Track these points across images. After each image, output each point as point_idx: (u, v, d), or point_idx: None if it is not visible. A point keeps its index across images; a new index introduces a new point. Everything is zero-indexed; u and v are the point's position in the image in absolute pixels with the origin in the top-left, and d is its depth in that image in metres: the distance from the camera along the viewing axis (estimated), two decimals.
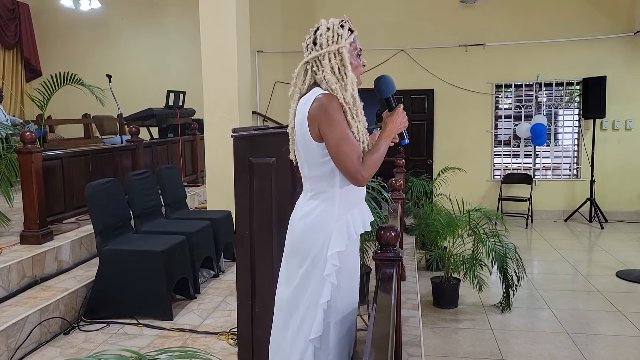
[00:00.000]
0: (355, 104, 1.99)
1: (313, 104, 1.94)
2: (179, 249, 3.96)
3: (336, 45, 1.97)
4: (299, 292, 2.06)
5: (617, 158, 8.49)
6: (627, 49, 8.38)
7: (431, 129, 8.97)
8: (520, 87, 8.87)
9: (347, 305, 2.11)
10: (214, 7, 5.36)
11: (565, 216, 8.70)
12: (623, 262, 6.32)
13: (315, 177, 2.02)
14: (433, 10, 8.57)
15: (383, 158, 2.02)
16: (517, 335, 4.46)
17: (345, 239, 2.00)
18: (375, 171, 2.01)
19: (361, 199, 2.13)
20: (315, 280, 2.01)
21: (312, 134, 1.94)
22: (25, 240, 4.13)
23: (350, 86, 1.96)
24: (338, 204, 2.00)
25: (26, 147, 4.07)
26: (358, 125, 1.98)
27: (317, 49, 1.99)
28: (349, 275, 2.10)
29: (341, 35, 1.99)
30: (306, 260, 2.03)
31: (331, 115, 1.90)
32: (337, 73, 1.97)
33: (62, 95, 6.08)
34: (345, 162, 1.92)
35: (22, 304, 3.46)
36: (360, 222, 2.08)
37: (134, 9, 9.62)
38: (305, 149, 2.00)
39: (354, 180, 1.95)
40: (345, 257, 2.03)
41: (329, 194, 2.00)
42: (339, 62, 1.98)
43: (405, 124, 2.10)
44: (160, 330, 3.55)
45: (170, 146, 6.94)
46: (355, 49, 2.06)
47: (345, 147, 1.91)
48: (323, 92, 1.96)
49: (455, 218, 5.09)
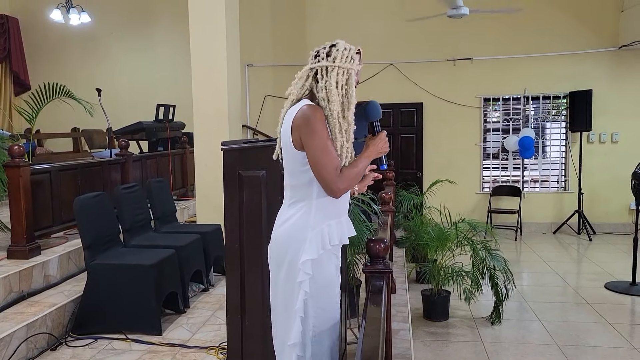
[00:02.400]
0: (350, 124, 2.06)
1: (297, 113, 2.00)
2: (169, 263, 3.94)
3: (348, 64, 2.06)
4: (281, 299, 2.12)
5: (604, 170, 8.58)
6: (612, 63, 8.51)
7: (420, 142, 9.02)
8: (508, 100, 8.96)
9: (326, 319, 2.11)
10: (204, 21, 5.39)
11: (554, 228, 8.76)
12: (611, 273, 6.36)
13: (294, 186, 2.09)
14: (422, 24, 8.63)
15: (361, 175, 2.09)
16: (508, 347, 4.46)
17: (318, 248, 2.03)
18: (352, 186, 2.07)
19: (341, 211, 2.15)
20: (291, 288, 2.05)
21: (294, 142, 2.01)
22: (13, 254, 4.08)
23: (352, 106, 2.05)
24: (314, 214, 2.04)
25: (14, 161, 4.05)
26: (344, 142, 2.03)
27: (329, 60, 2.06)
28: (324, 286, 2.10)
29: (354, 60, 2.09)
30: (283, 267, 2.08)
31: (313, 126, 1.96)
32: (340, 89, 2.04)
33: (51, 109, 6.05)
34: (322, 172, 1.97)
35: (9, 319, 3.41)
36: (337, 234, 2.10)
37: (124, 23, 9.63)
38: (287, 157, 2.08)
39: (329, 191, 2.00)
40: (319, 266, 2.05)
41: (306, 202, 2.05)
42: (344, 80, 2.05)
43: (385, 150, 2.17)
44: (149, 345, 3.52)
45: (159, 160, 6.91)
46: (356, 81, 2.13)
47: (324, 157, 1.96)
48: (308, 103, 2.03)
49: (445, 230, 5.10)
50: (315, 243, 2.02)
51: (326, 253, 2.08)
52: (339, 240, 2.12)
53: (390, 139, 8.23)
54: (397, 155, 8.92)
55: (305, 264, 2.01)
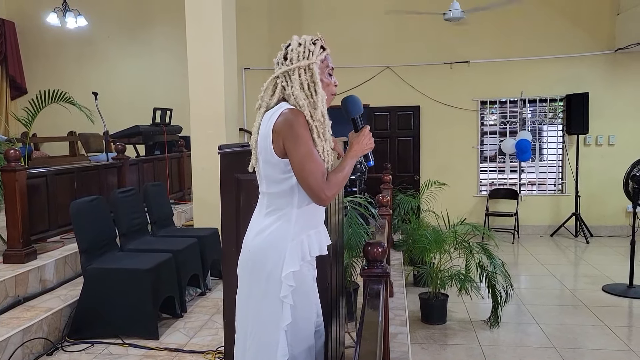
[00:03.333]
0: (324, 123, 1.94)
1: (279, 118, 1.90)
2: (165, 267, 3.92)
3: (307, 60, 1.94)
4: (256, 314, 2.00)
5: (600, 173, 8.60)
6: (608, 66, 8.54)
7: (418, 145, 9.03)
8: (505, 103, 8.99)
9: (300, 331, 2.02)
10: (200, 25, 5.39)
11: (551, 231, 8.77)
12: (609, 276, 6.36)
13: (273, 194, 1.97)
14: (418, 28, 8.68)
15: (348, 178, 1.98)
16: (506, 350, 4.46)
17: (299, 260, 1.94)
18: (339, 191, 1.97)
19: (319, 221, 2.07)
20: (271, 301, 1.94)
21: (275, 149, 1.90)
22: (8, 259, 4.07)
23: (320, 103, 1.93)
24: (294, 223, 1.95)
25: (10, 165, 4.03)
26: (324, 145, 1.93)
27: (287, 63, 1.97)
28: (304, 297, 2.02)
29: (312, 52, 1.96)
30: (261, 279, 1.96)
31: (297, 131, 1.86)
32: (306, 89, 1.93)
33: (47, 113, 6.04)
34: (309, 180, 1.86)
35: (5, 324, 3.39)
36: (317, 244, 2.03)
37: (121, 27, 9.63)
38: (266, 164, 1.95)
39: (317, 199, 1.90)
40: (300, 277, 1.97)
41: (286, 211, 1.95)
42: (308, 78, 1.94)
43: (370, 146, 2.06)
44: (146, 349, 3.50)
45: (156, 163, 6.90)
46: (327, 66, 2.02)
47: (310, 164, 1.86)
48: (289, 107, 1.92)
49: (442, 234, 5.10)
50: (296, 254, 1.93)
51: (305, 264, 2.01)
52: (319, 250, 2.04)
53: (387, 142, 8.26)
54: (394, 158, 8.95)
55: (288, 277, 1.91)
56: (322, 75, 1.99)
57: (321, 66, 1.99)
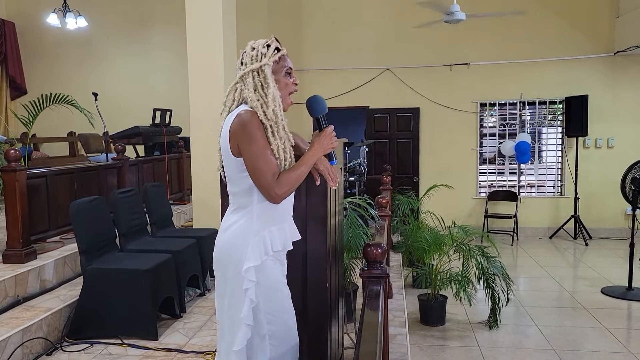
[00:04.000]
0: (277, 122, 2.00)
1: (234, 119, 1.98)
2: (165, 267, 3.92)
3: (258, 63, 2.02)
4: (225, 308, 2.09)
5: (600, 175, 8.61)
6: (607, 69, 8.56)
7: (417, 147, 9.04)
8: (504, 105, 9.00)
9: (281, 322, 2.07)
10: (200, 25, 5.39)
11: (550, 233, 8.78)
12: (607, 278, 6.37)
13: (235, 193, 2.07)
14: (418, 29, 8.67)
15: (303, 177, 2.03)
16: (505, 352, 4.46)
17: (261, 255, 2.00)
18: (293, 190, 2.02)
19: (284, 217, 2.12)
20: (237, 296, 2.02)
21: (232, 149, 1.98)
22: (8, 259, 4.07)
23: (271, 103, 1.99)
24: (256, 220, 2.02)
25: (10, 165, 4.03)
26: (278, 143, 1.99)
27: (242, 68, 2.06)
28: (271, 290, 2.05)
29: (264, 54, 2.04)
30: (228, 275, 2.05)
31: (249, 131, 1.94)
32: (259, 90, 2.01)
33: (47, 114, 6.05)
34: (259, 178, 1.95)
35: (4, 324, 3.39)
36: (280, 240, 2.07)
37: (121, 27, 9.63)
38: (227, 165, 2.05)
39: (268, 197, 1.97)
40: (263, 272, 2.01)
41: (248, 209, 2.03)
42: (262, 79, 2.02)
43: (332, 146, 2.10)
44: (145, 350, 3.50)
45: (156, 164, 6.90)
46: (284, 67, 2.08)
47: (260, 163, 1.94)
48: (245, 109, 2.00)
49: (441, 235, 5.10)
50: (258, 249, 1.99)
51: (270, 259, 2.05)
52: (282, 246, 2.08)
53: (386, 144, 8.27)
54: (393, 160, 8.96)
55: (249, 271, 1.97)
56: (278, 76, 2.06)
57: (277, 67, 2.07)
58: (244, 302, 1.98)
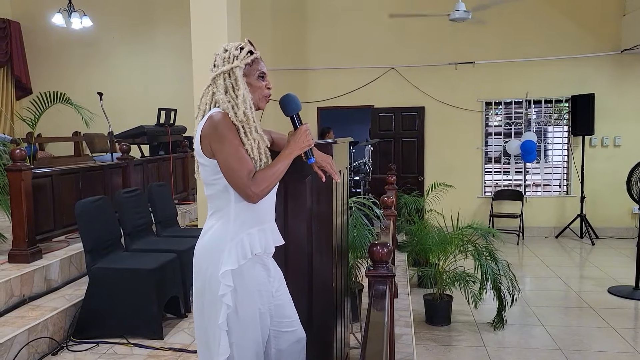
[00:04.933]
0: (248, 123, 1.98)
1: (206, 122, 1.97)
2: (170, 267, 3.92)
3: (230, 65, 2.01)
4: (202, 316, 2.04)
5: (606, 174, 8.56)
6: (614, 67, 8.51)
7: (422, 146, 9.01)
8: (510, 104, 8.96)
9: (247, 333, 2.00)
10: (205, 25, 5.39)
11: (556, 232, 8.74)
12: (614, 278, 6.33)
13: (211, 196, 2.04)
14: (423, 28, 8.67)
15: (280, 175, 1.99)
16: (511, 352, 4.44)
17: (238, 258, 1.95)
18: (270, 188, 1.97)
19: (264, 218, 2.07)
20: (211, 301, 1.97)
21: (204, 151, 1.96)
22: (14, 259, 4.07)
23: (241, 104, 1.96)
24: (233, 222, 1.98)
25: (16, 164, 4.04)
26: (252, 143, 1.97)
27: (214, 70, 2.05)
28: (245, 297, 1.99)
29: (236, 56, 2.02)
30: (204, 280, 2.00)
31: (220, 132, 1.92)
32: (230, 92, 1.99)
33: (52, 113, 6.04)
34: (233, 178, 1.92)
35: (10, 323, 3.40)
36: (260, 242, 2.02)
37: (125, 27, 9.65)
38: (201, 168, 2.03)
39: (245, 196, 1.93)
40: (240, 277, 1.96)
41: (225, 212, 2.00)
42: (233, 81, 2.00)
43: (308, 143, 2.04)
44: (150, 349, 3.50)
45: (161, 164, 6.91)
46: (257, 70, 2.06)
47: (234, 162, 1.91)
48: (216, 111, 1.98)
49: (447, 235, 5.09)
50: (235, 253, 1.95)
51: (250, 263, 1.99)
52: (262, 248, 2.03)
53: (391, 143, 8.22)
54: (398, 159, 8.93)
55: (225, 275, 1.93)
56: (250, 79, 2.04)
57: (249, 70, 2.05)
58: (220, 308, 1.94)
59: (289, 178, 2.10)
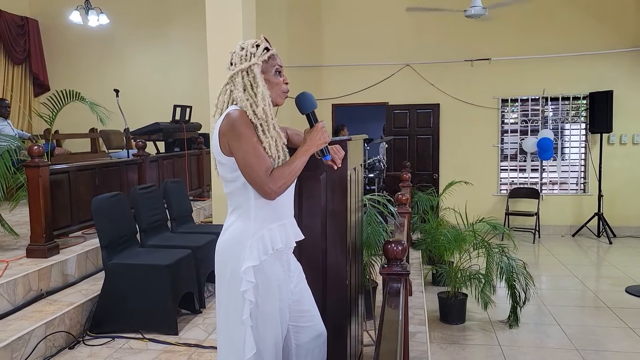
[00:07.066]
0: (267, 121, 1.99)
1: (223, 120, 1.98)
2: (185, 263, 3.95)
3: (247, 62, 2.02)
4: (224, 312, 2.06)
5: (624, 173, 8.45)
6: (633, 64, 8.37)
7: (437, 144, 8.96)
8: (526, 101, 8.86)
9: (267, 326, 2.02)
10: (221, 22, 5.40)
11: (573, 231, 8.64)
12: (632, 277, 6.25)
13: (231, 193, 2.06)
14: (438, 25, 8.60)
15: (297, 172, 2.01)
16: (526, 351, 4.40)
17: (260, 254, 1.98)
18: (287, 185, 1.99)
19: (283, 214, 2.09)
20: (234, 298, 1.99)
21: (222, 149, 1.99)
22: (32, 254, 4.13)
23: (261, 102, 1.98)
24: (253, 219, 2.00)
25: (34, 161, 4.09)
26: (269, 141, 1.98)
27: (232, 68, 2.06)
28: (268, 293, 2.01)
29: (253, 54, 2.04)
30: (225, 278, 2.02)
31: (238, 130, 1.94)
32: (248, 90, 2.00)
33: (69, 110, 6.12)
34: (252, 175, 1.94)
35: (28, 317, 3.45)
36: (281, 237, 2.04)
37: (141, 24, 9.70)
38: (220, 166, 2.06)
39: (263, 193, 1.95)
40: (261, 273, 1.98)
41: (245, 208, 2.02)
42: (251, 79, 2.01)
43: (324, 141, 2.07)
44: (165, 345, 3.53)
45: (176, 160, 6.95)
46: (274, 66, 2.07)
47: (251, 159, 1.93)
48: (234, 109, 2.00)
49: (462, 233, 5.05)
50: (257, 249, 1.97)
51: (270, 259, 2.01)
52: (284, 243, 2.05)
53: (406, 141, 8.18)
54: (413, 156, 8.89)
55: (247, 271, 1.95)
56: (268, 75, 2.06)
57: (266, 66, 2.06)
58: (243, 304, 1.96)
59: (303, 175, 2.10)
